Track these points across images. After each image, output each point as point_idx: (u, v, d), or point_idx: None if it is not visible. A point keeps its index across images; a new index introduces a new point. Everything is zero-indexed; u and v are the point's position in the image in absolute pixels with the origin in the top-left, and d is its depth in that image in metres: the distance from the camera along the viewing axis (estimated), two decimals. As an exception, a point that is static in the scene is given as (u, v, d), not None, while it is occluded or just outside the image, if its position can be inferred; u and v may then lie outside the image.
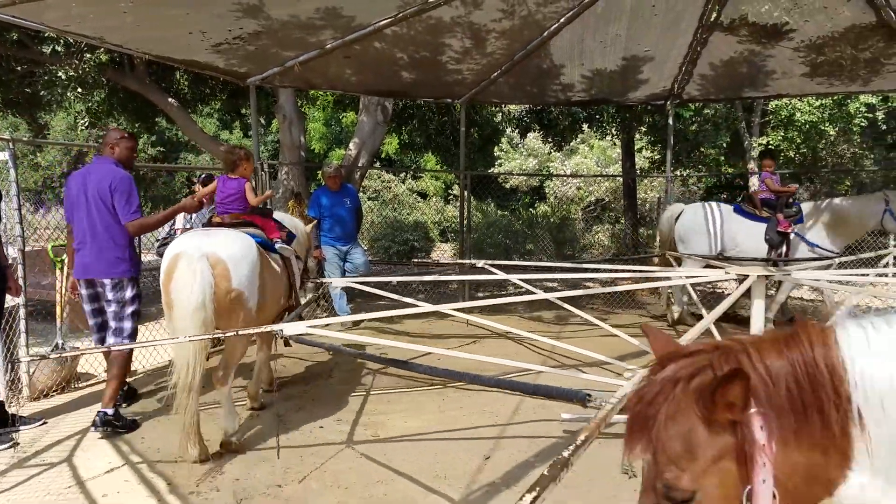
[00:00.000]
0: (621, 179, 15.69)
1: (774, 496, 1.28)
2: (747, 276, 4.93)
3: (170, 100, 10.71)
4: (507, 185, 23.36)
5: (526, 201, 22.99)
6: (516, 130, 16.14)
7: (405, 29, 7.01)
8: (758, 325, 4.48)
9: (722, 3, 6.64)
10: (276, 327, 3.86)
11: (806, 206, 7.84)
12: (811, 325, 1.39)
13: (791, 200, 7.90)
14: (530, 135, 17.84)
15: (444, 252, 16.77)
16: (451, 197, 20.43)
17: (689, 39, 7.46)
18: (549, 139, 14.53)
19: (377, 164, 17.97)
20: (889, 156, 16.14)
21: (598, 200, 21.35)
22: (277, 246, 4.82)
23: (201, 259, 3.91)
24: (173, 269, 3.96)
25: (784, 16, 6.71)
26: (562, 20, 7.00)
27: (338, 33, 6.93)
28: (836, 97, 10.71)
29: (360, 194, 10.56)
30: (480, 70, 8.44)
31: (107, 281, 4.69)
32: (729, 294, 5.28)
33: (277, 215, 5.27)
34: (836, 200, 7.89)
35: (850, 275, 6.58)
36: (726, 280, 7.86)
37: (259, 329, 4.11)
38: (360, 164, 10.60)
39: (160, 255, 5.37)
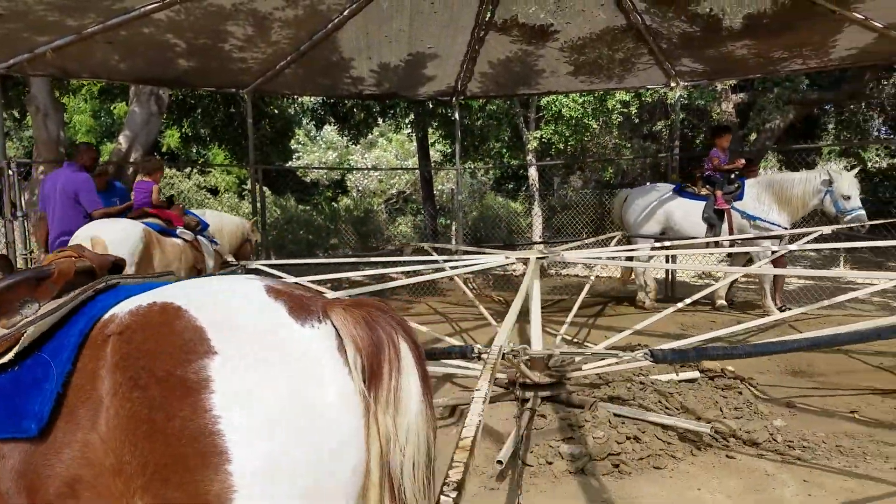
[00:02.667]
0: (419, 172, 16.18)
1: None
2: (528, 259, 5.37)
3: None
4: (308, 179, 22.94)
5: (328, 195, 22.77)
6: (311, 122, 15.85)
7: (182, 15, 6.54)
8: (535, 303, 4.83)
9: (495, 3, 7.10)
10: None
11: (750, 182, 7.68)
12: None
13: (733, 176, 7.73)
14: (326, 127, 17.66)
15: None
16: (246, 192, 19.53)
17: (468, 38, 7.88)
18: (346, 132, 14.48)
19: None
20: (645, 145, 18.56)
21: (399, 192, 21.82)
22: (178, 231, 6.23)
23: (85, 240, 5.07)
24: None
25: (549, 17, 7.37)
26: (345, 12, 7.00)
27: (100, 17, 6.25)
28: (597, 94, 12.03)
29: (139, 192, 9.63)
30: (266, 59, 8.15)
31: None
32: (521, 275, 5.65)
33: (208, 212, 7.34)
34: (780, 176, 7.78)
35: (609, 251, 7.47)
36: (511, 264, 8.49)
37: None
38: (131, 160, 9.68)
39: None
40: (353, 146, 21.79)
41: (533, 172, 13.61)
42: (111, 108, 16.79)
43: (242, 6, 6.66)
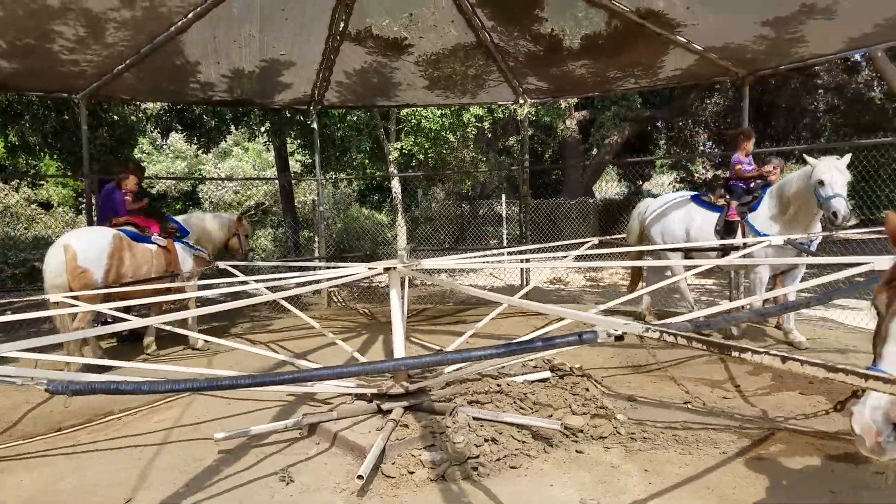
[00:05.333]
0: (278, 183, 15.70)
1: None
2: (393, 268, 5.37)
3: None
4: (154, 191, 21.48)
5: (178, 207, 21.47)
6: (157, 130, 14.85)
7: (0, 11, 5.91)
8: (396, 312, 4.83)
9: (348, 13, 7.09)
10: None
11: (769, 190, 6.72)
12: None
13: (752, 185, 6.96)
14: (173, 135, 16.65)
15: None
16: (84, 206, 17.89)
17: (323, 47, 7.80)
18: (195, 140, 13.70)
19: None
20: (500, 159, 19.34)
21: (258, 204, 21.05)
22: (152, 238, 6.85)
23: (58, 246, 6.01)
24: (47, 254, 6.05)
25: (403, 31, 7.48)
26: (190, 15, 6.67)
27: None
28: (453, 108, 12.38)
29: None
30: (102, 62, 7.56)
31: None
32: (385, 287, 5.61)
33: (193, 216, 7.88)
34: (783, 178, 6.68)
35: (468, 259, 7.69)
36: (376, 275, 8.48)
37: None
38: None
39: None
40: (205, 155, 20.70)
41: (396, 184, 13.69)
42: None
43: (72, 4, 6.16)
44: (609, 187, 21.73)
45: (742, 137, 7.24)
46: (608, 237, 8.56)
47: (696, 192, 7.57)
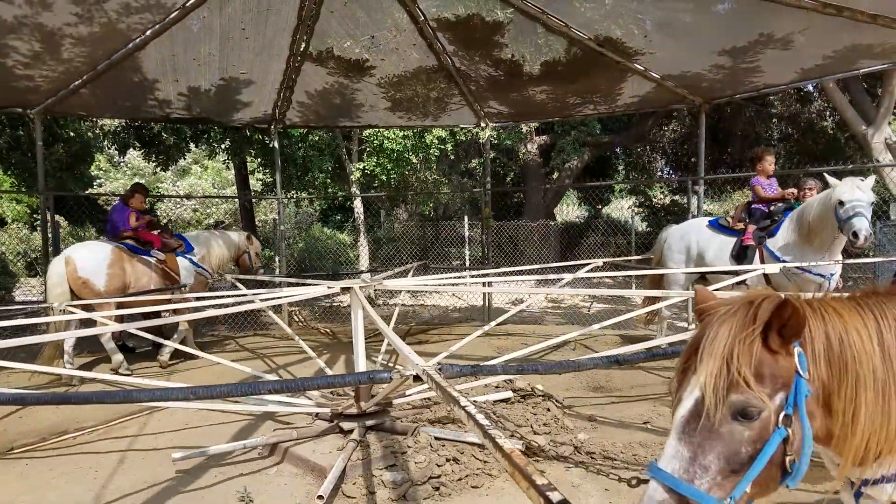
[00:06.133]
0: (238, 201, 15.52)
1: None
2: (350, 287, 5.33)
3: None
4: (110, 208, 21.00)
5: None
6: (114, 147, 14.56)
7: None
8: (359, 332, 4.79)
9: (309, 34, 7.10)
10: None
11: (792, 214, 6.27)
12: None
13: (772, 208, 6.58)
14: (131, 152, 16.35)
15: (32, 288, 14.16)
16: (39, 223, 17.37)
17: (283, 66, 7.78)
18: (153, 157, 13.46)
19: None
20: (463, 181, 19.49)
21: (218, 222, 20.76)
22: (152, 252, 7.31)
23: (60, 259, 6.62)
24: (49, 266, 6.72)
25: (364, 52, 7.52)
26: (148, 33, 6.59)
27: None
28: (415, 130, 12.47)
29: None
30: (57, 78, 7.43)
31: None
32: (348, 306, 5.55)
33: (202, 234, 8.40)
34: (806, 202, 6.20)
35: (434, 280, 7.69)
36: (335, 294, 8.41)
37: None
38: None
39: None
40: (163, 173, 20.37)
41: (358, 204, 13.66)
42: None
43: (27, 20, 6.03)
44: (570, 210, 22.08)
45: (756, 158, 6.91)
46: (615, 259, 8.32)
47: (714, 217, 7.26)
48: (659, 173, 20.93)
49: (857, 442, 1.55)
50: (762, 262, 6.20)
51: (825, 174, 5.83)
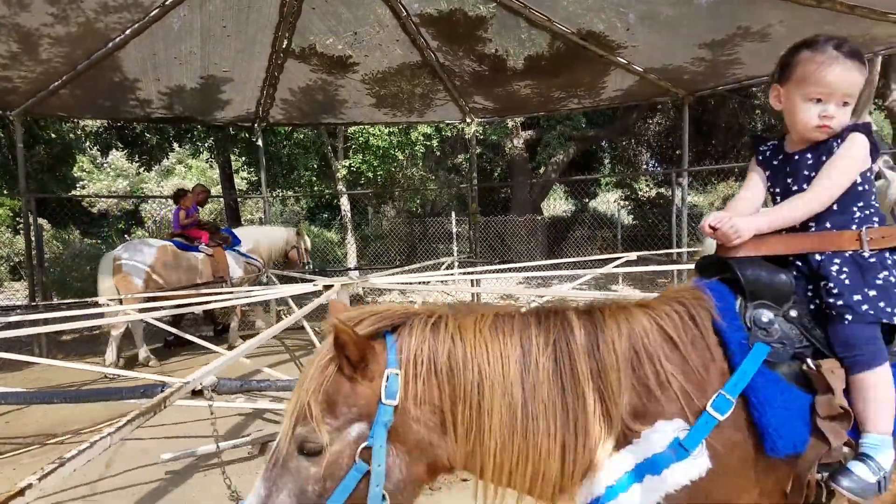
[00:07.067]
0: (223, 200, 15.41)
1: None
2: (332, 285, 5.33)
3: None
4: (95, 210, 20.78)
5: (120, 227, 20.78)
6: (96, 148, 14.41)
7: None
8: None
9: (291, 31, 7.05)
10: None
11: None
12: None
13: None
14: (114, 152, 16.19)
15: (16, 292, 14.02)
16: (21, 226, 17.17)
17: (266, 63, 7.72)
18: (136, 158, 13.33)
19: None
20: (450, 177, 19.45)
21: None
22: (200, 247, 7.85)
23: (108, 256, 7.38)
24: (100, 264, 7.46)
25: (347, 49, 7.48)
26: (128, 32, 6.52)
27: None
28: (400, 126, 12.42)
29: None
30: (36, 79, 7.34)
31: None
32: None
33: (250, 229, 9.12)
34: None
35: (420, 277, 7.68)
36: (318, 291, 8.38)
37: None
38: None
39: None
40: (147, 173, 20.18)
41: (345, 202, 13.59)
42: None
43: (4, 20, 5.95)
44: (556, 205, 22.09)
45: None
46: (648, 252, 7.78)
47: None
48: (644, 166, 20.99)
49: (494, 467, 1.40)
50: None
51: (881, 167, 4.78)
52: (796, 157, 1.72)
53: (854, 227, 1.63)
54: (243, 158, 14.33)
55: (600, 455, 1.42)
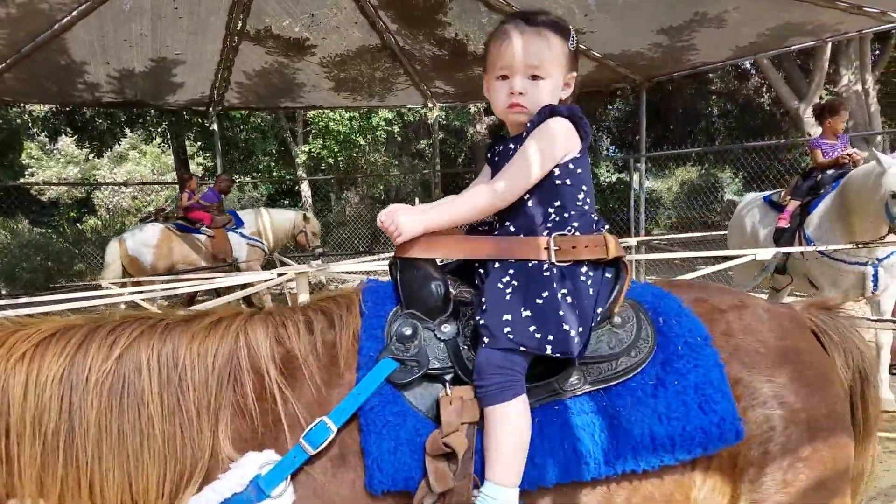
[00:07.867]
0: (178, 187, 15.05)
1: None
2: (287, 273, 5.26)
3: None
4: (45, 198, 20.08)
5: (71, 215, 20.14)
6: (44, 134, 13.89)
7: None
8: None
9: (246, 12, 6.86)
10: None
11: (841, 183, 4.88)
12: None
13: (819, 177, 5.14)
14: (64, 138, 15.63)
15: (-33, 282, 13.46)
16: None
17: (220, 46, 7.51)
18: (87, 144, 12.90)
19: None
20: (414, 163, 19.35)
21: (158, 210, 20.08)
22: (202, 228, 7.92)
23: (115, 239, 7.68)
24: (107, 247, 7.74)
25: (304, 31, 7.32)
26: (74, 13, 6.25)
27: None
28: (361, 111, 12.27)
29: None
30: (-23, 62, 6.98)
31: None
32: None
33: (254, 212, 8.85)
34: (851, 172, 4.81)
35: (377, 261, 7.62)
36: (287, 280, 8.32)
37: None
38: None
39: None
40: (98, 160, 19.57)
41: (306, 188, 13.41)
42: None
43: (-63, 2, 5.64)
44: (519, 190, 22.13)
45: (826, 112, 5.32)
46: (650, 237, 7.42)
47: (769, 193, 5.84)
48: (605, 152, 21.21)
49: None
50: (799, 243, 4.99)
51: (873, 151, 4.71)
52: (498, 147, 1.58)
53: (546, 232, 1.40)
54: (199, 143, 14.00)
55: (187, 494, 1.23)
